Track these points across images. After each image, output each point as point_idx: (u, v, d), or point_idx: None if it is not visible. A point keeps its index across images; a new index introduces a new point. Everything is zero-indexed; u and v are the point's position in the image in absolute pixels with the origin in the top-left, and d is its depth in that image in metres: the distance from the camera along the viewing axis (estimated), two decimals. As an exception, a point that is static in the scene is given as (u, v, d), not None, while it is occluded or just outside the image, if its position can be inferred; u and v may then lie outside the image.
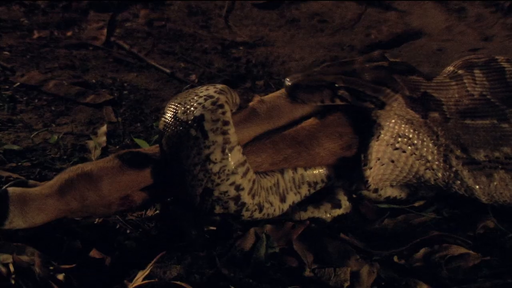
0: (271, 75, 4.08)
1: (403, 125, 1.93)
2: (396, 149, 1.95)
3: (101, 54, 4.36)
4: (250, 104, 2.03)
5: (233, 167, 1.77)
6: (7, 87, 3.52)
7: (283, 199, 2.02)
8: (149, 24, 5.04)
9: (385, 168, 1.98)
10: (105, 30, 4.76)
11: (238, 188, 1.80)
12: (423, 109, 1.93)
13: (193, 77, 4.01)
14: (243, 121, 1.97)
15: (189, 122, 1.76)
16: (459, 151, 1.95)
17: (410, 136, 1.94)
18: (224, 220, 1.97)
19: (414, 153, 1.96)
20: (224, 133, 1.76)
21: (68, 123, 3.12)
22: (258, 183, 1.88)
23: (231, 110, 1.85)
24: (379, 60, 2.01)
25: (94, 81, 3.76)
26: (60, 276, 1.69)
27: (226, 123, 1.77)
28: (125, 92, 3.63)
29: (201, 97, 1.81)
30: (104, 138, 2.89)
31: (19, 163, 2.57)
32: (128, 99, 3.50)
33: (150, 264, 1.70)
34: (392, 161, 1.96)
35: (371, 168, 1.95)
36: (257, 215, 1.91)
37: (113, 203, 1.91)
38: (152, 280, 1.65)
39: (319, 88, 1.91)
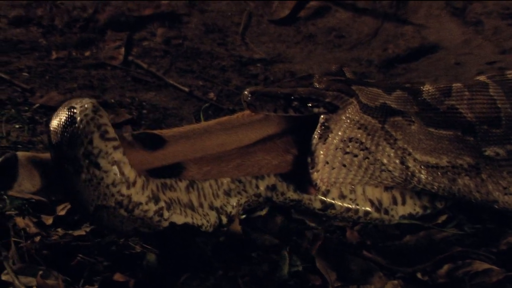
0: (289, 92, 4.08)
1: (355, 130, 1.92)
2: (347, 153, 1.94)
3: (119, 73, 4.39)
4: None
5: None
6: (26, 108, 3.55)
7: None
8: (166, 42, 5.06)
9: (338, 172, 1.96)
10: (122, 50, 4.79)
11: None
12: (381, 115, 1.94)
13: (211, 95, 4.03)
14: (261, 120, 1.99)
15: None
16: (418, 155, 1.96)
17: (363, 140, 1.93)
18: (245, 238, 1.96)
19: (368, 157, 1.95)
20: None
21: (88, 143, 3.14)
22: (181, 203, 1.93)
23: None
24: (337, 75, 2.04)
25: (113, 100, 3.79)
26: (84, 299, 1.69)
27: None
28: (144, 111, 3.65)
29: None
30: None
31: (41, 184, 2.57)
32: (147, 118, 3.52)
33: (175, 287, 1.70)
34: (344, 166, 1.95)
35: (318, 171, 1.93)
36: None
37: None
38: (175, 301, 1.65)
39: (274, 98, 1.92)
